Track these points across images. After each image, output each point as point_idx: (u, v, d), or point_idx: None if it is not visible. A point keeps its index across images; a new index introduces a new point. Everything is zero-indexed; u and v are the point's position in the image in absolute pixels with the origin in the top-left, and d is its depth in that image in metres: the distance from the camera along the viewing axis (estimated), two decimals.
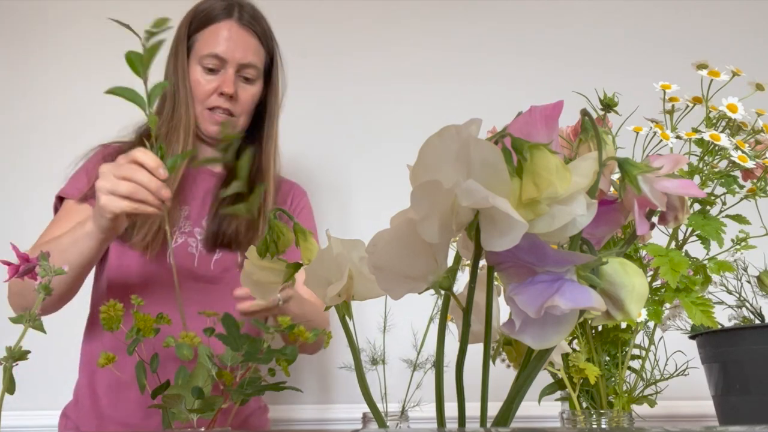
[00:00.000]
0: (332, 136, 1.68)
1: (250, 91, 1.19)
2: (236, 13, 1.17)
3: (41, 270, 0.68)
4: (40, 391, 1.45)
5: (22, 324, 0.66)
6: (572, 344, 0.81)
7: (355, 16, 1.75)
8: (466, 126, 0.36)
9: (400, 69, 1.70)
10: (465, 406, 0.45)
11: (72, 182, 1.18)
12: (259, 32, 1.19)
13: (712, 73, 0.80)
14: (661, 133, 0.77)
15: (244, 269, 0.59)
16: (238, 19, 1.17)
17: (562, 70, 1.66)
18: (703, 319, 0.72)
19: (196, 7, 1.20)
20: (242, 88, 1.18)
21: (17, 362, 0.67)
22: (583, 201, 0.37)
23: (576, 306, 0.35)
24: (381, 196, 1.58)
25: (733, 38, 1.66)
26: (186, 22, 1.19)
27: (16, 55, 1.76)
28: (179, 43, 1.18)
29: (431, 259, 0.41)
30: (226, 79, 1.15)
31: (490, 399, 0.44)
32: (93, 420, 1.11)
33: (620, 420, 0.68)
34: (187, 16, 1.20)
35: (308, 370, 1.53)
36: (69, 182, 1.19)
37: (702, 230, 0.74)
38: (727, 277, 0.85)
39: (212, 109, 1.17)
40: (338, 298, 0.52)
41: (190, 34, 1.18)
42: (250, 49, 1.17)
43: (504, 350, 0.54)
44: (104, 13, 1.75)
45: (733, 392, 0.78)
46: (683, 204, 0.42)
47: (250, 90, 1.19)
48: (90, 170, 1.17)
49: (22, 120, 1.72)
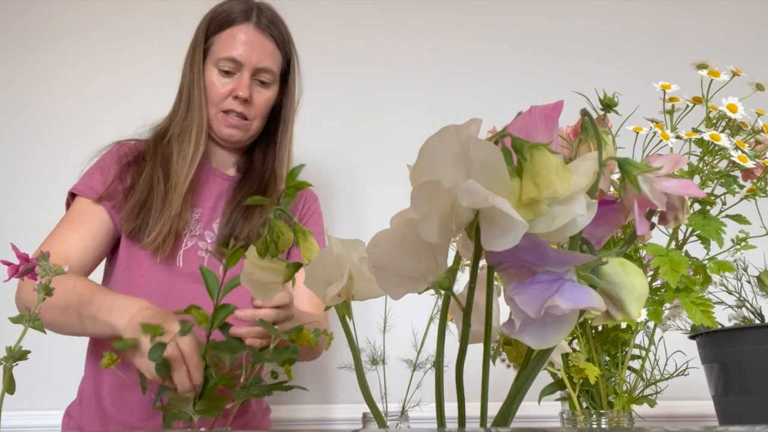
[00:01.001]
0: (336, 136, 1.68)
1: (265, 95, 1.19)
2: (255, 16, 1.17)
3: (41, 270, 0.68)
4: (40, 391, 1.45)
5: (22, 324, 0.66)
6: (572, 344, 0.81)
7: (359, 16, 1.75)
8: (466, 126, 0.36)
9: (403, 68, 1.70)
10: (465, 406, 0.45)
11: (85, 179, 1.17)
12: (277, 36, 1.19)
13: (712, 73, 0.80)
14: (661, 133, 0.77)
15: (243, 269, 0.59)
16: (256, 23, 1.17)
17: (562, 70, 1.66)
18: (703, 319, 0.72)
19: (215, 8, 1.20)
20: (257, 91, 1.18)
21: (17, 362, 0.67)
22: (583, 201, 0.37)
23: (576, 306, 0.35)
24: (391, 195, 1.58)
25: (733, 38, 1.66)
26: (204, 23, 1.19)
27: (21, 57, 1.76)
28: (197, 44, 1.18)
29: (431, 259, 0.41)
30: (241, 82, 1.16)
31: (490, 399, 0.44)
32: (96, 420, 1.11)
33: (620, 420, 0.68)
34: (206, 17, 1.20)
35: (308, 370, 1.53)
36: (82, 179, 1.18)
37: (702, 230, 0.74)
38: (727, 277, 0.85)
39: (227, 112, 1.17)
40: (338, 298, 0.52)
41: (207, 36, 1.19)
42: (266, 54, 1.17)
43: (504, 350, 0.54)
44: (111, 13, 1.76)
45: (733, 392, 0.78)
46: (683, 204, 0.42)
47: (265, 94, 1.19)
48: (104, 168, 1.17)
49: (23, 122, 1.72)
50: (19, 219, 1.64)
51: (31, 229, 1.62)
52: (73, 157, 1.66)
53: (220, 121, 1.18)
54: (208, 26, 1.18)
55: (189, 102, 1.17)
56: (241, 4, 1.18)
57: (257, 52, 1.16)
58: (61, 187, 1.68)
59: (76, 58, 1.74)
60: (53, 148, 1.69)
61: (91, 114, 1.71)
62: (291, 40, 1.23)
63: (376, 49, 1.72)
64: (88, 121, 1.70)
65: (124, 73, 1.71)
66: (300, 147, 1.61)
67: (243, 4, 1.19)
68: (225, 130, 1.18)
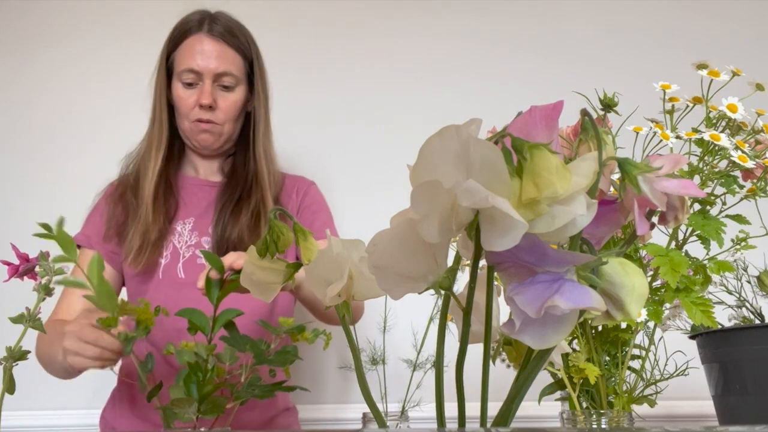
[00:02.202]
0: (337, 136, 1.68)
1: (230, 98, 1.21)
2: (207, 25, 1.20)
3: (41, 270, 0.68)
4: (40, 391, 1.45)
5: (22, 324, 0.66)
6: (572, 344, 0.81)
7: (360, 16, 1.75)
8: (466, 126, 0.36)
9: (403, 68, 1.70)
10: (465, 406, 0.45)
11: (83, 228, 1.24)
12: (232, 41, 1.21)
13: (712, 73, 0.80)
14: (661, 133, 0.77)
15: (243, 269, 0.59)
16: (208, 31, 1.19)
17: (562, 70, 1.66)
18: (703, 319, 0.72)
19: (175, 25, 1.23)
20: (221, 96, 1.20)
21: (17, 362, 0.67)
22: (583, 201, 0.37)
23: (576, 306, 0.35)
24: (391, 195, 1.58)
25: (733, 38, 1.66)
26: (166, 41, 1.23)
27: (21, 57, 1.76)
28: (160, 62, 1.23)
29: (431, 259, 0.41)
30: (203, 90, 1.18)
31: (490, 399, 0.44)
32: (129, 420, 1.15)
33: (620, 420, 0.68)
34: (168, 35, 1.23)
35: (308, 370, 1.53)
36: (82, 227, 1.25)
37: (702, 230, 0.74)
38: (727, 277, 0.85)
39: (198, 121, 1.20)
40: (338, 298, 0.52)
41: (169, 53, 1.22)
42: (224, 58, 1.19)
43: (504, 350, 0.54)
44: (111, 14, 1.76)
45: (733, 392, 0.78)
46: (683, 204, 0.42)
47: (230, 97, 1.21)
48: (98, 211, 1.24)
49: (23, 122, 1.72)
50: (19, 219, 1.64)
51: (31, 229, 1.62)
52: (74, 157, 1.67)
53: (193, 130, 1.21)
54: (168, 43, 1.22)
55: (153, 119, 1.23)
56: (196, 16, 1.21)
57: (213, 58, 1.18)
58: (61, 186, 1.68)
59: (76, 58, 1.74)
60: (53, 148, 1.69)
61: (91, 114, 1.71)
62: (252, 43, 1.25)
63: (376, 49, 1.72)
64: (89, 121, 1.70)
65: (124, 73, 1.70)
66: (302, 147, 1.62)
67: (198, 15, 1.21)
68: (198, 136, 1.22)
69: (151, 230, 1.16)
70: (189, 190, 1.25)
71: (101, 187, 1.28)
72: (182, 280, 1.16)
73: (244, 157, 1.26)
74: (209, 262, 0.86)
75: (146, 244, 1.15)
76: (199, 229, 1.21)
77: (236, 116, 1.23)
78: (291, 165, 1.41)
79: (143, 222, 1.16)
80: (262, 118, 1.25)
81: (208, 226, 1.21)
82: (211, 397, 0.77)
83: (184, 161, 1.29)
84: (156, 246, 1.17)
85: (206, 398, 0.76)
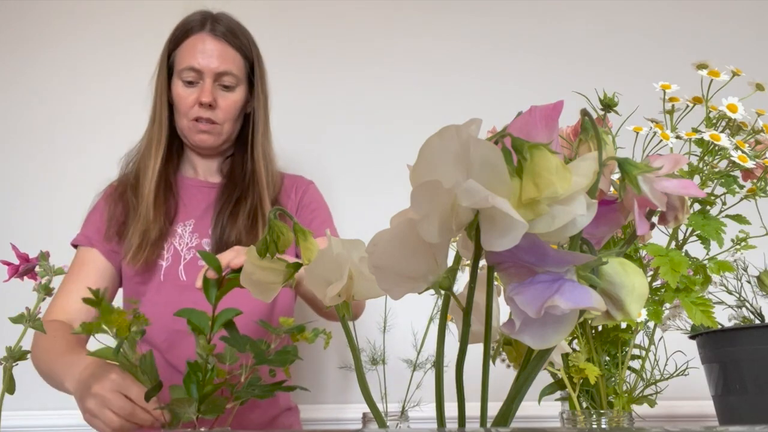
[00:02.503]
0: (337, 136, 1.68)
1: (230, 98, 1.21)
2: (209, 25, 1.20)
3: (41, 270, 0.68)
4: (40, 391, 1.45)
5: (22, 324, 0.66)
6: (572, 344, 0.81)
7: (360, 16, 1.75)
8: (466, 126, 0.36)
9: (403, 68, 1.70)
10: (465, 406, 0.45)
11: (82, 228, 1.24)
12: (234, 42, 1.21)
13: (712, 73, 0.80)
14: (661, 133, 0.77)
15: (243, 269, 0.59)
16: (211, 31, 1.20)
17: (562, 70, 1.66)
18: (703, 319, 0.72)
19: (177, 25, 1.24)
20: (222, 96, 1.21)
21: (17, 362, 0.67)
22: (583, 201, 0.37)
23: (576, 306, 0.35)
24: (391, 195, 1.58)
25: (733, 38, 1.66)
26: (167, 40, 1.23)
27: (21, 57, 1.76)
28: (161, 61, 1.23)
29: (431, 259, 0.41)
30: (204, 89, 1.19)
31: (490, 399, 0.44)
32: None
33: (620, 420, 0.68)
34: (170, 35, 1.24)
35: (308, 370, 1.53)
36: (82, 228, 1.24)
37: (702, 230, 0.74)
38: (727, 277, 0.85)
39: (197, 120, 1.20)
40: (338, 298, 0.52)
41: (170, 52, 1.23)
42: (225, 58, 1.20)
43: (504, 350, 0.54)
44: (111, 14, 1.76)
45: (733, 392, 0.78)
46: (683, 204, 0.42)
47: (230, 97, 1.21)
48: (98, 210, 1.24)
49: (23, 122, 1.72)
50: (19, 219, 1.64)
51: (31, 229, 1.62)
52: (74, 157, 1.66)
53: (191, 129, 1.21)
54: (169, 42, 1.23)
55: (153, 117, 1.23)
56: (198, 16, 1.22)
57: (215, 57, 1.19)
58: (61, 187, 1.68)
59: (76, 58, 1.74)
60: (53, 148, 1.69)
61: (91, 114, 1.71)
62: (253, 44, 1.26)
63: (376, 49, 1.72)
64: (89, 121, 1.70)
65: (124, 73, 1.70)
66: (302, 147, 1.62)
67: (199, 15, 1.22)
68: (196, 136, 1.22)
69: (152, 229, 1.16)
70: (188, 191, 1.26)
71: (101, 187, 1.28)
72: (184, 282, 1.16)
73: (242, 158, 1.27)
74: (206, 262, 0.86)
75: (146, 243, 1.15)
76: (199, 231, 1.22)
77: (236, 116, 1.24)
78: (291, 165, 1.41)
79: (143, 220, 1.16)
80: (262, 119, 1.26)
81: (208, 228, 1.21)
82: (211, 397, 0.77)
83: (184, 161, 1.30)
84: (155, 245, 1.17)
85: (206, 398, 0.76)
